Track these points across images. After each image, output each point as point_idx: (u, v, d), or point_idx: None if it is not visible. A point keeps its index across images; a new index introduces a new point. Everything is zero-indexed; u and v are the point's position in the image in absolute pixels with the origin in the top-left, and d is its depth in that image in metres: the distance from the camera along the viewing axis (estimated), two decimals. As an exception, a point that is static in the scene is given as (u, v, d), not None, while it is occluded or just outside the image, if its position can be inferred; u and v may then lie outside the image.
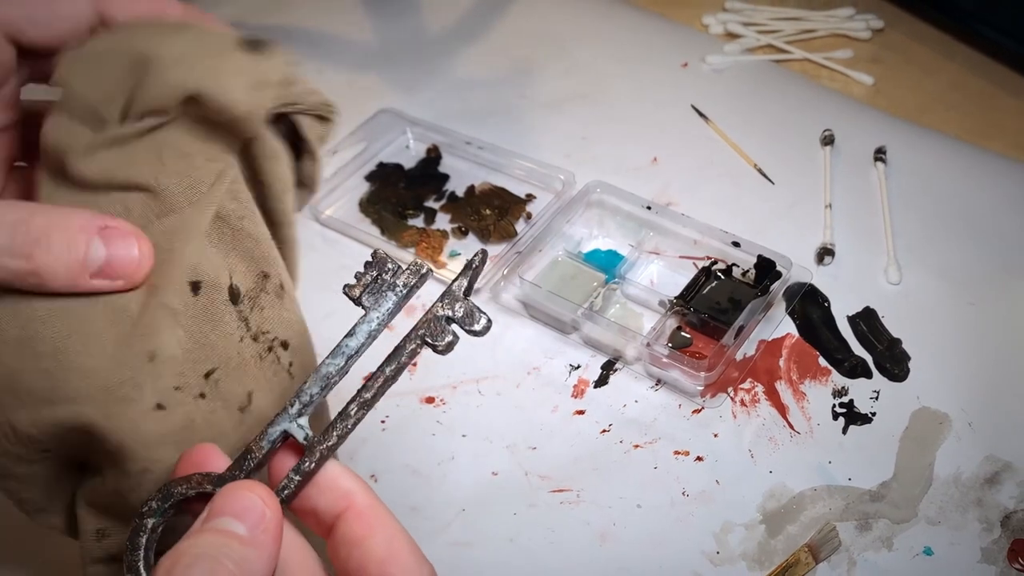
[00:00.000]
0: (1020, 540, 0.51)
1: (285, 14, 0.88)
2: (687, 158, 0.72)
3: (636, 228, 0.66)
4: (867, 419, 0.56)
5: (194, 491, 0.32)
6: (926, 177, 0.70)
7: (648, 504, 0.54)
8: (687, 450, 0.56)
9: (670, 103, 0.77)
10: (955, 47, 0.80)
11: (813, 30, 0.82)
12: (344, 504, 0.33)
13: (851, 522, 0.52)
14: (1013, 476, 0.53)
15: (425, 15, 0.87)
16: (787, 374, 0.59)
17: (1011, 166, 0.70)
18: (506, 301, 0.63)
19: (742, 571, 0.51)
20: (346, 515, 0.32)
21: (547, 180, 0.70)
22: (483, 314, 0.34)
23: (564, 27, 0.84)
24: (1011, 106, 0.76)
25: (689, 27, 0.84)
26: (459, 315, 0.34)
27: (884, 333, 0.61)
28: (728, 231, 0.63)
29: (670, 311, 0.60)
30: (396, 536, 0.32)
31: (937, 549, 0.51)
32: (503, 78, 0.80)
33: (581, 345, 0.61)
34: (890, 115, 0.75)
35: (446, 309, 0.34)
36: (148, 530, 0.32)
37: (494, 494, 0.54)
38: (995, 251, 0.65)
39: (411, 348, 0.34)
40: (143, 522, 0.32)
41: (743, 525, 0.52)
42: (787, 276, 0.60)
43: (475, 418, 0.58)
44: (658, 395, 0.58)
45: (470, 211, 0.69)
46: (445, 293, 0.34)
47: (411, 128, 0.74)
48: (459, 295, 0.34)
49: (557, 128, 0.75)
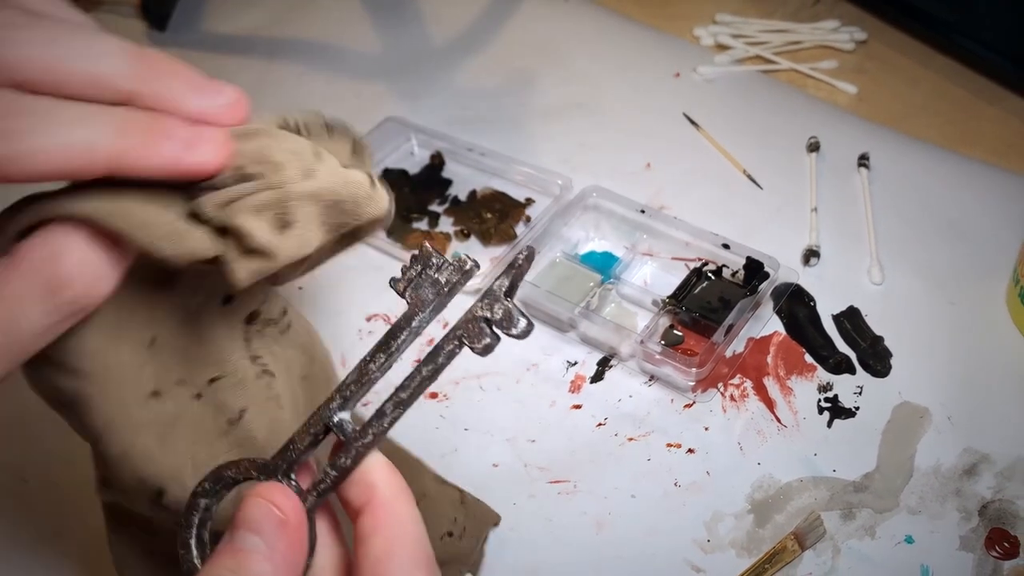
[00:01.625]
0: (997, 529, 0.51)
1: (298, 28, 0.88)
2: (679, 164, 0.72)
3: (630, 231, 0.66)
4: (851, 413, 0.56)
5: (242, 476, 0.32)
6: (907, 182, 0.70)
7: (642, 494, 0.54)
8: (679, 443, 0.56)
9: (663, 111, 0.77)
10: (935, 58, 0.80)
11: (800, 42, 0.82)
12: (367, 497, 0.32)
13: (835, 511, 0.52)
14: (990, 467, 0.53)
15: (429, 28, 0.87)
16: (775, 370, 0.59)
17: (989, 171, 0.70)
18: None
19: (731, 558, 0.51)
20: (365, 508, 0.31)
21: (545, 185, 0.70)
22: (523, 316, 0.32)
23: (562, 39, 0.84)
24: (988, 114, 0.76)
25: (681, 39, 0.84)
26: (497, 317, 0.32)
27: (867, 331, 0.61)
28: (718, 234, 0.63)
29: (663, 310, 0.60)
30: (401, 536, 0.31)
31: (918, 537, 0.51)
32: (503, 87, 0.80)
33: (578, 343, 0.61)
34: (873, 123, 0.75)
35: (485, 310, 0.32)
36: (201, 509, 0.32)
37: (495, 485, 0.54)
38: (973, 253, 0.65)
39: (449, 348, 0.33)
40: (196, 501, 0.32)
41: (732, 514, 0.52)
42: (774, 277, 0.60)
43: (477, 412, 0.58)
44: (651, 390, 0.58)
45: (472, 215, 0.69)
46: (486, 293, 0.33)
47: (416, 135, 0.74)
48: (500, 295, 0.32)
49: (555, 135, 0.75)
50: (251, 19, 0.89)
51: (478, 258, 0.67)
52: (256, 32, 0.88)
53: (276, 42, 0.86)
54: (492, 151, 0.72)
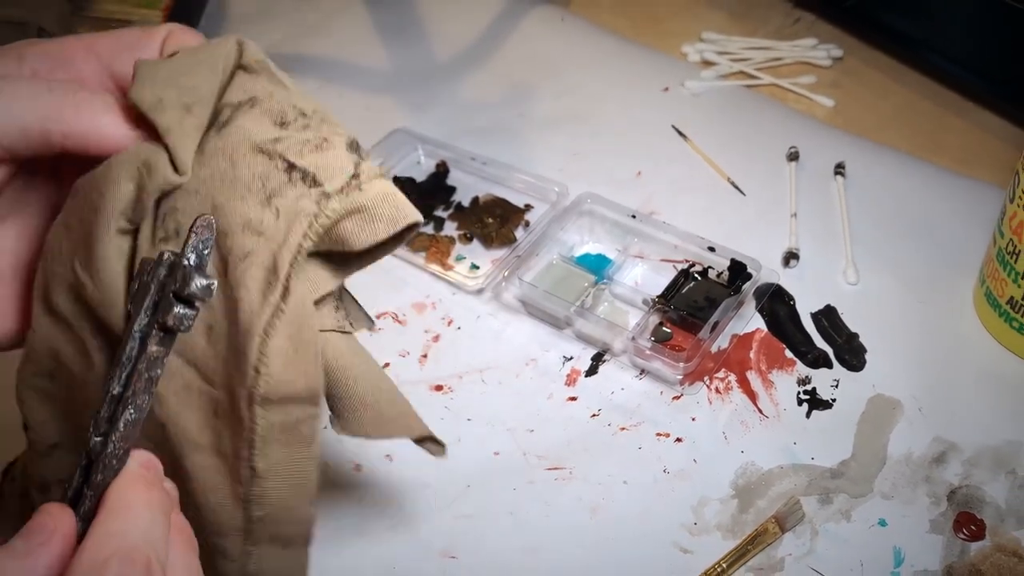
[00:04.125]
0: (964, 512, 0.51)
1: (312, 46, 0.87)
2: (668, 172, 0.72)
3: (622, 235, 0.66)
4: (828, 405, 0.56)
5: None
6: (881, 189, 0.69)
7: (633, 481, 0.53)
8: (668, 432, 0.56)
9: (653, 123, 0.77)
10: (907, 73, 0.80)
11: (780, 58, 0.82)
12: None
13: (814, 496, 0.52)
14: (958, 456, 0.53)
15: (435, 45, 0.86)
16: (757, 365, 0.59)
17: (955, 179, 0.70)
18: (507, 300, 0.63)
19: (716, 540, 0.51)
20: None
21: (543, 192, 0.70)
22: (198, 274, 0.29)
23: (559, 55, 0.84)
24: (956, 125, 0.76)
25: (670, 56, 0.84)
26: (176, 285, 0.30)
27: (843, 328, 0.60)
28: (704, 237, 0.63)
29: (653, 308, 0.60)
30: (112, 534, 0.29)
31: (891, 521, 0.51)
32: (504, 100, 0.80)
33: (574, 339, 0.61)
34: (849, 133, 0.75)
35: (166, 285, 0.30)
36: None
37: (496, 472, 0.54)
38: (942, 254, 0.65)
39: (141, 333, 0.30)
40: None
41: (717, 500, 0.52)
42: (757, 277, 0.60)
43: (479, 404, 0.58)
44: (642, 383, 0.58)
45: (475, 219, 0.69)
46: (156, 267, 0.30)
47: (422, 145, 0.74)
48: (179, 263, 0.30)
49: (552, 144, 0.75)
50: (269, 37, 0.89)
51: (479, 260, 0.67)
52: (273, 48, 0.87)
53: (292, 58, 0.86)
54: (493, 160, 0.72)
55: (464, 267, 0.66)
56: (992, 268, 0.58)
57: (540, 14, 0.88)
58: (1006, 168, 0.69)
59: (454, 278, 0.64)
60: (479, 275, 0.65)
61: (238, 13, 0.92)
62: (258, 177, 0.32)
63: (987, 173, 0.71)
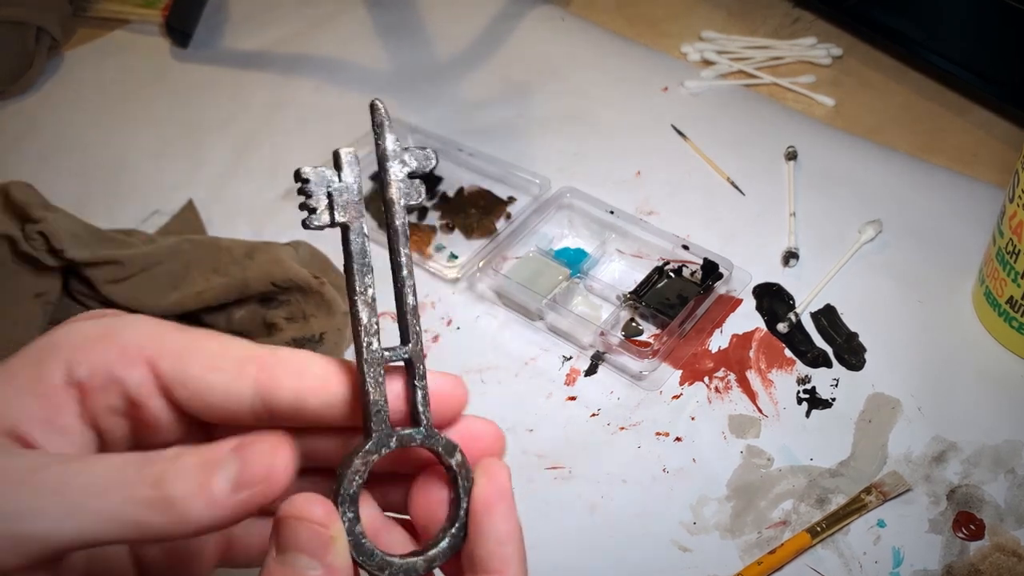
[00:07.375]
0: (964, 512, 0.50)
1: (313, 46, 0.87)
2: (667, 172, 0.72)
3: (600, 230, 0.66)
4: (827, 404, 0.56)
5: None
6: (880, 188, 0.69)
7: (632, 479, 0.53)
8: (667, 431, 0.55)
9: (652, 123, 0.77)
10: (906, 73, 0.80)
11: (780, 57, 0.82)
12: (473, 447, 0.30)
13: (813, 497, 0.52)
14: (957, 455, 0.53)
15: (435, 45, 0.86)
16: (756, 364, 0.59)
17: (954, 178, 0.70)
18: (481, 290, 0.63)
19: (715, 539, 0.50)
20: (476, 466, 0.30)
21: (526, 185, 0.70)
22: (421, 149, 0.30)
23: (559, 55, 0.84)
24: (955, 125, 0.75)
25: (669, 55, 0.84)
26: (413, 165, 0.30)
27: (843, 328, 0.60)
28: (679, 235, 0.63)
29: (624, 304, 0.61)
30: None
31: (890, 521, 0.51)
32: (504, 100, 0.80)
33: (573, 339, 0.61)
34: (848, 133, 0.75)
35: (402, 168, 0.29)
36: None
37: (496, 471, 0.54)
38: (941, 254, 0.65)
39: (399, 217, 0.30)
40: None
41: (716, 499, 0.52)
42: (728, 277, 0.61)
43: (479, 404, 0.57)
44: (641, 383, 0.58)
45: (458, 210, 0.69)
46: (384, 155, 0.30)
47: (412, 135, 0.74)
48: (397, 149, 0.30)
49: (552, 144, 0.75)
50: (269, 37, 0.88)
51: (459, 250, 0.67)
52: (274, 49, 0.87)
53: (292, 58, 0.86)
54: (480, 151, 0.71)
55: (443, 256, 0.66)
56: (992, 268, 0.58)
57: (540, 14, 0.88)
58: (1006, 168, 0.69)
59: (432, 267, 0.65)
60: (456, 265, 0.65)
61: (238, 13, 0.92)
62: None
63: (987, 173, 0.70)
